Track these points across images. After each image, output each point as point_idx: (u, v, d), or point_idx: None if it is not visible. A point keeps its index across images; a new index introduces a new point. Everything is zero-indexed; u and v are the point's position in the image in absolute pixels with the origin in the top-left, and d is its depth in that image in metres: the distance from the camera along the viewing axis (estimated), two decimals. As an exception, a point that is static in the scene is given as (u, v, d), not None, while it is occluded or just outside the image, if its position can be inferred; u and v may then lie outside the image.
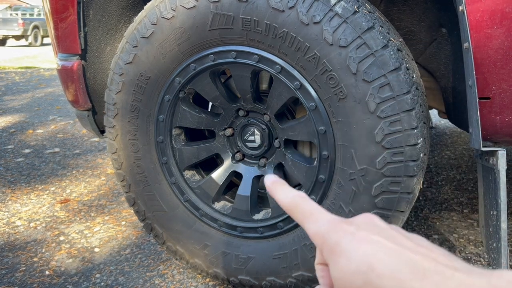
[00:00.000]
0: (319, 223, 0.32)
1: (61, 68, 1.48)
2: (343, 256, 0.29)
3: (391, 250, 0.28)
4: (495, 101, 1.05)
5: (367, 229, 0.30)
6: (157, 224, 1.39)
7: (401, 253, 0.28)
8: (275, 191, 0.36)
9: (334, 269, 0.30)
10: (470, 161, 2.55)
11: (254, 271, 1.28)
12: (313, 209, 0.34)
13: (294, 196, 0.35)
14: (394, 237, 0.30)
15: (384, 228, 0.31)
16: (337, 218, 0.33)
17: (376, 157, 1.05)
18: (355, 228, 0.30)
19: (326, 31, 1.02)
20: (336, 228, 0.31)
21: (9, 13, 16.26)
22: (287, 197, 0.35)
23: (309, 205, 0.34)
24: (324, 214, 0.33)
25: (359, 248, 0.29)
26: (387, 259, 0.27)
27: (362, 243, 0.29)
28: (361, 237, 0.29)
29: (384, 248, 0.28)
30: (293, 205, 0.35)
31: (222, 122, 1.29)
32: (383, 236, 0.29)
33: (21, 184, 2.36)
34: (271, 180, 0.37)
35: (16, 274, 1.53)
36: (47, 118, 3.85)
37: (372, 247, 0.28)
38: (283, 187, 0.36)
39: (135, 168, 1.36)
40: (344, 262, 0.29)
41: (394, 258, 0.27)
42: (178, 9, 1.15)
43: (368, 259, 0.28)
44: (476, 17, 1.00)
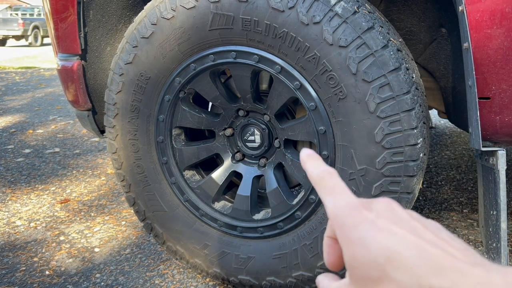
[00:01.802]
0: (339, 202, 0.32)
1: (61, 68, 1.49)
2: (360, 244, 0.29)
3: (411, 243, 0.27)
4: (495, 101, 1.05)
5: (387, 217, 0.30)
6: (157, 224, 1.39)
7: (420, 247, 0.27)
8: (307, 163, 0.36)
9: (349, 255, 0.29)
10: (470, 161, 2.55)
11: (254, 271, 1.28)
12: (337, 186, 0.33)
13: (323, 171, 0.35)
14: (414, 228, 0.29)
15: (404, 217, 0.30)
16: (357, 201, 0.32)
17: (376, 157, 1.05)
18: (375, 216, 0.30)
19: (326, 31, 1.02)
20: (355, 212, 0.30)
21: (9, 13, 16.27)
22: (316, 170, 0.35)
23: (334, 182, 0.34)
24: (345, 194, 0.33)
25: (378, 239, 0.28)
26: (406, 253, 0.27)
27: (381, 233, 0.28)
28: (381, 227, 0.29)
29: (404, 241, 0.28)
30: (319, 179, 0.34)
31: (222, 122, 1.29)
32: (403, 227, 0.29)
33: (21, 184, 2.37)
34: (307, 153, 0.37)
35: (16, 274, 1.53)
36: (47, 118, 3.85)
37: (392, 238, 0.28)
38: (316, 160, 0.36)
39: (135, 168, 1.36)
40: (361, 250, 0.28)
41: (413, 252, 0.27)
42: (178, 9, 1.15)
43: (387, 251, 0.27)
44: (476, 17, 1.00)
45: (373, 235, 0.28)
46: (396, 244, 0.27)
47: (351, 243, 0.29)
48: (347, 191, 0.33)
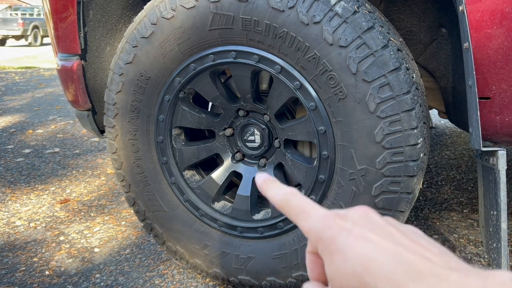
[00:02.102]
0: (312, 219, 0.31)
1: (61, 68, 1.48)
2: (338, 255, 0.28)
3: (387, 250, 0.27)
4: (495, 101, 1.05)
5: (363, 225, 0.29)
6: (157, 224, 1.39)
7: (397, 253, 0.27)
8: (266, 189, 0.35)
9: (329, 267, 0.29)
10: (470, 161, 2.55)
11: (254, 271, 1.28)
12: (305, 205, 0.33)
13: (286, 193, 0.34)
14: (390, 234, 0.29)
15: (380, 223, 0.30)
16: (330, 212, 0.31)
17: (376, 157, 1.05)
18: (351, 224, 0.29)
19: (326, 31, 1.02)
20: (330, 224, 0.30)
21: (9, 13, 16.26)
22: (278, 194, 0.34)
23: (301, 201, 0.33)
24: (317, 209, 0.32)
25: (355, 247, 0.28)
26: (383, 260, 0.27)
27: (357, 242, 0.28)
28: (357, 235, 0.28)
29: (380, 248, 0.27)
30: (284, 202, 0.33)
31: (222, 122, 1.29)
32: (379, 233, 0.28)
33: (21, 184, 2.36)
34: (262, 179, 0.36)
35: (16, 274, 1.53)
36: (47, 118, 3.85)
37: (368, 246, 0.28)
38: (274, 185, 0.35)
39: (135, 168, 1.36)
40: (340, 261, 0.28)
41: (389, 258, 0.27)
42: (178, 9, 1.15)
43: (363, 259, 0.27)
44: (476, 17, 1.00)
45: (350, 244, 0.28)
46: (372, 251, 0.27)
47: (331, 254, 0.29)
48: (316, 206, 0.32)
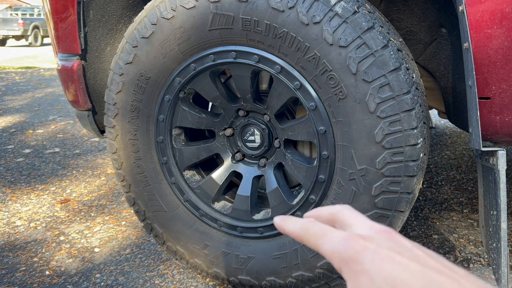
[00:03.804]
0: (334, 241, 0.31)
1: (61, 68, 1.49)
2: (364, 276, 0.28)
3: (416, 272, 0.27)
4: (495, 101, 1.05)
5: (389, 247, 0.29)
6: (157, 224, 1.39)
7: (426, 274, 0.27)
8: (284, 224, 0.36)
9: (354, 287, 0.29)
10: (470, 161, 2.55)
11: (254, 271, 1.28)
12: (325, 229, 0.33)
13: (304, 222, 0.35)
14: (417, 256, 0.29)
15: (406, 246, 0.30)
16: (352, 234, 0.31)
17: (376, 157, 1.05)
18: (376, 245, 0.29)
19: (326, 31, 1.02)
20: (353, 244, 0.30)
21: (9, 13, 16.26)
22: (296, 226, 0.35)
23: (320, 227, 0.33)
24: (337, 232, 0.32)
25: (382, 269, 0.28)
26: (412, 282, 0.27)
27: (384, 263, 0.28)
28: (384, 257, 0.28)
29: (408, 270, 0.27)
30: (304, 231, 0.34)
31: (222, 122, 1.29)
32: (406, 256, 0.29)
33: (21, 184, 2.36)
34: (279, 218, 0.37)
35: (16, 274, 1.53)
36: (47, 118, 3.85)
37: (396, 268, 0.28)
38: (291, 219, 0.36)
39: (135, 168, 1.36)
40: (366, 282, 0.28)
41: (419, 280, 0.27)
42: (178, 9, 1.15)
43: (392, 281, 0.27)
44: (476, 17, 1.00)
45: (377, 266, 0.28)
46: (401, 273, 0.27)
47: (355, 275, 0.29)
48: (336, 230, 0.33)
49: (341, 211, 0.35)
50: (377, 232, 0.31)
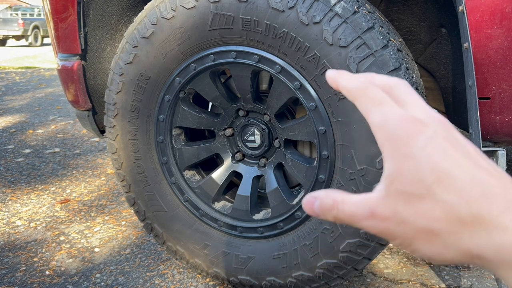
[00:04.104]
0: (389, 114, 0.29)
1: (61, 68, 1.49)
2: (411, 159, 0.27)
3: (466, 168, 0.27)
4: (495, 101, 1.05)
5: (445, 137, 0.28)
6: (157, 224, 1.39)
7: (475, 172, 0.26)
8: (339, 79, 0.33)
9: (394, 168, 0.28)
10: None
11: (254, 271, 1.28)
12: (384, 99, 0.30)
13: (362, 82, 0.31)
14: (469, 153, 0.28)
15: (459, 140, 0.29)
16: (409, 114, 0.29)
17: (376, 157, 1.05)
18: (432, 132, 0.28)
19: (326, 31, 1.02)
20: (409, 125, 0.28)
21: (9, 13, 16.26)
22: (353, 83, 0.32)
23: (380, 94, 0.30)
24: (395, 107, 0.30)
25: (432, 157, 0.27)
26: (460, 176, 0.26)
27: (436, 152, 0.27)
28: (437, 145, 0.27)
29: (459, 164, 0.27)
30: (360, 91, 0.31)
31: (222, 122, 1.29)
32: (460, 150, 0.28)
33: (21, 184, 2.37)
34: (334, 71, 0.33)
35: (16, 274, 1.53)
36: (47, 118, 3.85)
37: (447, 160, 0.27)
38: (347, 74, 0.33)
39: (135, 168, 1.36)
40: (410, 166, 0.27)
41: (467, 176, 0.26)
42: (178, 9, 1.15)
43: (439, 171, 0.26)
44: (476, 17, 1.00)
45: (428, 153, 0.27)
46: (450, 166, 0.26)
47: (401, 156, 0.28)
48: (394, 103, 0.30)
49: (398, 85, 0.32)
50: (433, 119, 0.29)
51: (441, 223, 0.26)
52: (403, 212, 0.27)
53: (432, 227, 0.27)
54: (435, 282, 1.45)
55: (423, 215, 0.27)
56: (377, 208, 0.28)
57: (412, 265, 1.55)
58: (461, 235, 0.26)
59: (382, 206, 0.28)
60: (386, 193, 0.28)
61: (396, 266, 1.54)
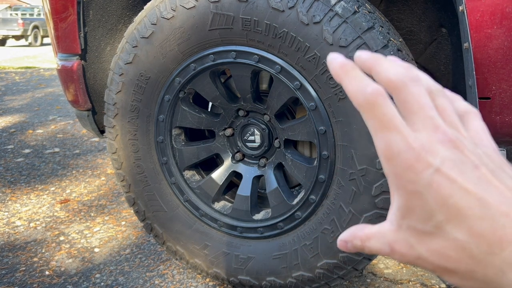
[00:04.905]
0: (394, 141, 0.26)
1: (61, 68, 1.48)
2: (418, 196, 0.26)
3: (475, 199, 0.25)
4: (495, 101, 1.05)
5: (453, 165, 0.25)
6: (157, 224, 1.39)
7: (485, 204, 0.25)
8: (344, 75, 0.28)
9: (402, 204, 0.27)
10: (470, 161, 2.54)
11: (254, 271, 1.28)
12: (393, 117, 0.26)
13: (375, 93, 0.27)
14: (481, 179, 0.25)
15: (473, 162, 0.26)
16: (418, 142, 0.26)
17: (376, 157, 1.05)
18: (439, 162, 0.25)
19: (326, 31, 1.02)
20: (413, 161, 0.26)
21: (9, 13, 16.26)
22: (362, 90, 0.27)
23: (391, 111, 0.27)
24: (404, 130, 0.26)
25: (440, 193, 0.25)
26: (469, 211, 0.25)
27: (443, 188, 0.25)
28: (444, 179, 0.25)
29: (469, 198, 0.25)
30: (371, 105, 0.27)
31: (222, 122, 1.29)
32: (469, 177, 0.25)
33: (21, 184, 2.36)
34: (339, 61, 0.28)
35: (16, 274, 1.53)
36: (47, 118, 3.85)
37: (455, 194, 0.25)
38: (356, 73, 0.28)
39: (135, 168, 1.36)
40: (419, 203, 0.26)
41: (476, 210, 0.25)
42: (178, 9, 1.15)
43: (448, 207, 0.25)
44: (476, 17, 1.00)
45: (434, 190, 0.25)
46: (459, 200, 0.25)
47: (408, 194, 0.26)
48: (400, 125, 0.26)
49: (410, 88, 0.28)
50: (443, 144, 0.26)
51: (454, 263, 0.26)
52: (418, 248, 0.27)
53: (446, 265, 0.26)
54: (435, 282, 1.45)
55: (436, 253, 0.26)
56: (394, 244, 0.28)
57: (412, 266, 1.55)
58: (476, 273, 0.25)
59: (398, 242, 0.28)
60: (399, 226, 0.28)
61: (396, 266, 1.54)
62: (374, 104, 0.27)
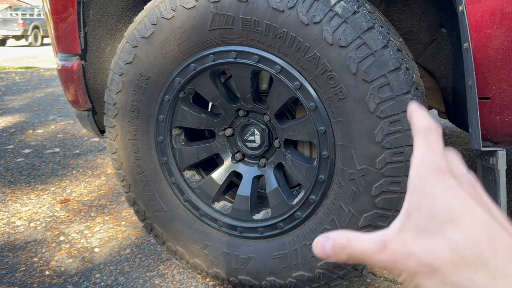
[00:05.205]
0: (429, 156, 0.32)
1: (61, 68, 1.49)
2: (430, 198, 0.29)
3: (480, 217, 0.28)
4: (495, 101, 1.05)
5: (468, 190, 0.30)
6: (157, 224, 1.39)
7: (487, 222, 0.28)
8: (415, 112, 0.35)
9: (413, 205, 0.30)
10: (470, 161, 2.54)
11: (254, 271, 1.28)
12: (436, 144, 0.33)
13: (432, 124, 0.34)
14: (489, 209, 0.30)
15: (483, 198, 0.31)
16: (445, 165, 0.31)
17: (376, 157, 1.05)
18: (457, 184, 0.30)
19: (326, 31, 1.02)
20: (439, 172, 0.31)
21: (9, 13, 16.26)
22: (425, 121, 0.34)
23: (437, 139, 0.33)
24: (439, 155, 0.32)
25: (450, 200, 0.29)
26: (471, 222, 0.28)
27: (454, 198, 0.29)
28: (457, 194, 0.29)
29: (474, 213, 0.28)
30: (426, 130, 0.34)
31: (222, 122, 1.29)
32: (479, 203, 0.29)
33: (21, 184, 2.36)
34: (416, 105, 0.36)
35: (16, 274, 1.53)
36: (47, 118, 3.85)
37: (463, 206, 0.29)
38: (424, 113, 0.35)
39: (135, 168, 1.36)
40: (428, 203, 0.29)
41: (479, 223, 0.28)
42: (178, 9, 1.15)
43: (453, 213, 0.28)
44: (476, 17, 1.00)
45: (446, 197, 0.29)
46: (464, 211, 0.28)
47: (422, 194, 0.30)
48: (442, 154, 0.33)
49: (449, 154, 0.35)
50: (464, 177, 0.32)
51: (443, 261, 0.28)
52: (411, 244, 0.29)
53: (435, 263, 0.28)
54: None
55: (429, 250, 0.28)
56: (390, 241, 0.31)
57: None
58: (462, 274, 0.27)
59: (394, 240, 0.30)
60: (402, 226, 0.31)
61: (396, 266, 1.54)
62: (430, 130, 0.34)
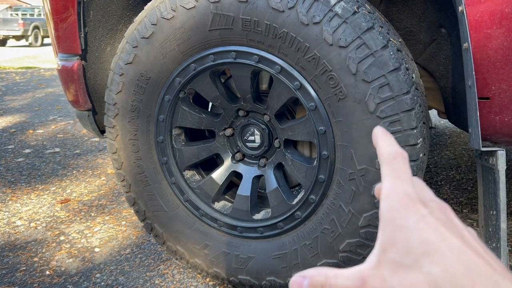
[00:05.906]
0: (397, 186, 0.31)
1: (62, 68, 1.49)
2: (403, 231, 0.29)
3: (454, 246, 0.28)
4: (494, 101, 1.05)
5: (439, 218, 0.30)
6: (157, 224, 1.39)
7: (463, 250, 0.28)
8: (380, 138, 0.35)
9: (387, 238, 0.30)
10: (470, 161, 2.55)
11: (254, 271, 1.28)
12: (404, 173, 0.32)
13: (397, 152, 0.34)
14: (462, 235, 0.29)
15: (456, 223, 0.30)
16: (415, 194, 0.31)
17: (376, 157, 1.05)
18: (428, 212, 0.30)
19: (326, 31, 1.02)
20: (409, 202, 0.30)
21: (10, 13, 16.26)
22: (390, 148, 0.34)
23: (403, 167, 0.33)
24: (408, 184, 0.32)
25: (424, 232, 0.28)
26: (447, 252, 0.27)
27: (428, 228, 0.28)
28: (430, 223, 0.29)
29: (448, 242, 0.28)
30: (391, 158, 0.33)
31: (222, 122, 1.29)
32: (452, 231, 0.29)
33: (21, 184, 2.37)
34: (381, 129, 0.36)
35: (16, 274, 1.53)
36: (47, 118, 3.85)
37: (437, 236, 0.28)
38: (390, 139, 0.35)
39: (135, 168, 1.36)
40: (402, 237, 0.29)
41: (454, 253, 0.27)
42: (178, 9, 1.15)
43: (428, 245, 0.28)
44: (476, 17, 1.00)
45: (420, 228, 0.29)
46: (439, 241, 0.28)
47: (395, 227, 0.29)
48: (409, 182, 0.32)
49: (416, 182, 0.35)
50: (434, 202, 0.32)
51: None
52: (390, 280, 0.29)
53: None
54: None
55: (408, 285, 0.28)
56: (368, 277, 0.30)
57: None
58: None
59: (373, 276, 0.30)
60: (378, 261, 0.30)
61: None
62: (395, 158, 0.33)
